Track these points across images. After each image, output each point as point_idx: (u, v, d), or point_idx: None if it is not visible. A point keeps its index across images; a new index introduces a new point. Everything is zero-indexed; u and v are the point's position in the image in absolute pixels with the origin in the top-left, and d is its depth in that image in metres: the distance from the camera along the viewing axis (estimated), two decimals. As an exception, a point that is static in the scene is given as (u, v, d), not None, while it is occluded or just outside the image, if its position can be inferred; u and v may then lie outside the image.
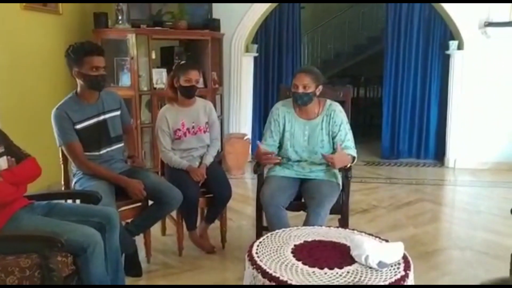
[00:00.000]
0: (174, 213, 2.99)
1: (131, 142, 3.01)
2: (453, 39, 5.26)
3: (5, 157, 2.04)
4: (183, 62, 3.43)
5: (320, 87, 2.75)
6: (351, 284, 1.59)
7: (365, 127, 7.33)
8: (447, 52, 5.28)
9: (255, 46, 5.56)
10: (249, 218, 3.70)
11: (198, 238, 3.04)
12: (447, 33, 5.35)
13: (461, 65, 5.19)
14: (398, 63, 5.58)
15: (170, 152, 2.99)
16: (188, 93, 2.98)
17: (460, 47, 5.18)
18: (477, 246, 3.20)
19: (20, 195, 2.07)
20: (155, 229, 3.00)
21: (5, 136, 2.13)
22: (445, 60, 5.38)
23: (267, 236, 2.01)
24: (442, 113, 5.49)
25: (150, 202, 2.78)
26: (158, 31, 4.58)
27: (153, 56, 4.62)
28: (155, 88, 4.55)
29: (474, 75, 5.15)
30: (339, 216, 2.84)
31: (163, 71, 4.65)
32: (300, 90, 2.70)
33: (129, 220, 2.75)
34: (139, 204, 2.76)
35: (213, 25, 5.00)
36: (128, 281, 2.41)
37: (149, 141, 4.75)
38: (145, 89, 4.54)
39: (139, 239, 2.82)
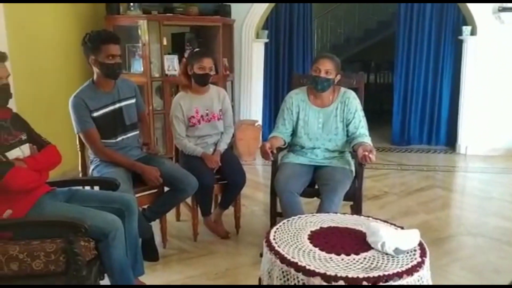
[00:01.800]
0: (188, 199, 3.04)
1: (145, 130, 3.05)
2: (466, 24, 5.21)
3: (27, 145, 2.09)
4: (196, 49, 3.43)
5: (339, 75, 2.76)
6: (367, 269, 1.63)
7: (375, 113, 7.31)
8: (460, 37, 5.24)
9: (266, 32, 5.54)
10: (261, 203, 3.75)
11: (212, 223, 3.10)
12: (460, 18, 5.30)
13: (474, 51, 5.15)
14: (410, 48, 5.55)
15: (185, 139, 3.03)
16: (202, 80, 3.00)
17: (473, 32, 5.13)
18: (489, 232, 3.22)
19: (43, 182, 2.12)
20: (170, 215, 3.05)
21: (27, 124, 2.18)
22: (458, 46, 5.34)
23: (284, 223, 2.05)
24: (454, 99, 5.47)
25: (166, 189, 2.83)
26: (169, 17, 4.58)
27: (165, 42, 4.63)
28: (166, 75, 4.57)
29: (487, 61, 5.11)
30: (351, 203, 2.87)
31: (175, 58, 4.66)
32: (322, 74, 2.70)
33: (145, 206, 2.81)
34: (155, 190, 2.81)
35: (224, 11, 4.99)
36: (146, 265, 2.46)
37: (161, 127, 4.79)
38: (157, 75, 4.56)
39: (155, 225, 2.87)
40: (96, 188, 2.47)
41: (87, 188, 2.54)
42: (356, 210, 2.79)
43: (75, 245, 1.85)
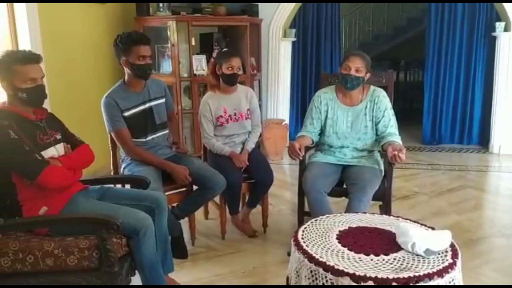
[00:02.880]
0: (217, 198, 3.07)
1: (175, 129, 3.11)
2: (499, 20, 5.05)
3: (62, 144, 2.16)
4: (225, 49, 3.47)
5: (369, 74, 2.74)
6: (397, 270, 1.61)
7: (405, 112, 7.19)
8: (493, 34, 5.09)
9: (293, 30, 5.52)
10: (289, 203, 3.75)
11: (240, 222, 3.12)
12: (493, 14, 5.14)
13: (508, 47, 4.99)
14: (441, 46, 5.42)
15: (213, 138, 3.06)
16: (230, 80, 3.03)
17: (507, 28, 4.97)
18: (523, 234, 3.13)
19: (77, 180, 2.18)
20: (199, 213, 3.09)
21: (62, 124, 2.25)
22: (491, 42, 5.18)
23: (312, 222, 2.04)
24: (487, 97, 5.31)
25: (195, 187, 2.86)
26: (197, 17, 4.63)
27: (193, 42, 4.68)
28: (195, 75, 4.62)
29: (522, 57, 4.94)
30: (380, 203, 2.84)
31: (203, 58, 4.71)
32: (353, 72, 2.68)
33: (174, 204, 2.85)
34: (184, 189, 2.85)
35: (252, 10, 5.00)
36: (175, 262, 2.50)
37: (189, 126, 4.85)
38: (185, 75, 4.62)
39: (184, 223, 2.92)
40: (127, 186, 2.54)
41: (119, 186, 2.60)
42: (385, 210, 2.76)
43: (108, 241, 1.90)
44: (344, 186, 2.79)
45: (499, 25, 4.99)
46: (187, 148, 3.78)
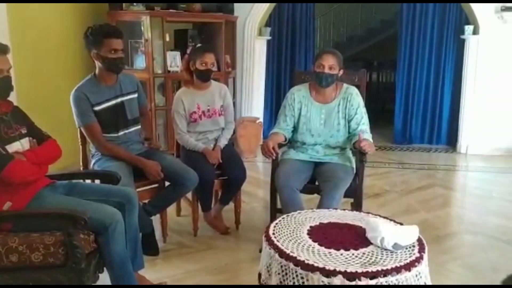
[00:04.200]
0: (189, 195, 3.05)
1: (147, 125, 3.06)
2: (468, 23, 5.19)
3: (27, 138, 2.10)
4: (199, 45, 3.44)
5: (342, 71, 2.77)
6: (366, 264, 1.63)
7: (377, 112, 7.29)
8: (462, 36, 5.23)
9: (268, 29, 5.54)
10: (262, 200, 3.76)
11: (212, 219, 3.10)
12: (462, 17, 5.29)
13: (476, 50, 5.14)
14: (412, 47, 5.54)
15: (186, 134, 3.03)
16: (204, 76, 3.01)
17: (475, 32, 5.12)
18: (489, 231, 3.22)
19: (43, 175, 2.13)
20: (171, 210, 3.06)
21: (27, 118, 2.18)
22: (460, 45, 5.32)
23: (283, 218, 2.05)
24: (456, 98, 5.46)
25: (167, 184, 2.83)
26: (172, 13, 4.58)
27: (167, 38, 4.64)
28: (169, 71, 4.58)
29: (489, 60, 5.09)
30: (351, 200, 2.88)
31: (177, 54, 4.66)
32: (326, 70, 2.70)
33: (146, 201, 2.82)
34: (156, 185, 2.82)
35: (227, 8, 4.99)
36: (146, 259, 2.47)
37: (162, 123, 4.80)
38: (159, 72, 4.57)
39: (156, 220, 2.88)
40: (97, 182, 2.48)
41: (88, 181, 2.54)
42: (356, 207, 2.79)
43: (75, 237, 1.86)
44: (316, 183, 2.81)
45: (468, 28, 5.13)
46: (160, 144, 3.74)
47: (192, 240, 3.02)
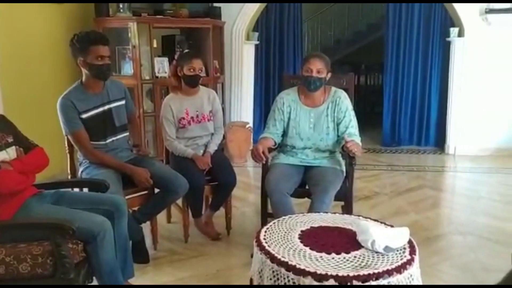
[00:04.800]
0: (179, 201, 3.03)
1: (135, 131, 3.04)
2: (453, 26, 5.25)
3: (14, 147, 2.07)
4: (186, 51, 3.44)
5: (329, 74, 2.78)
6: (358, 267, 1.63)
7: (366, 115, 7.34)
8: (448, 39, 5.29)
9: (256, 34, 5.55)
10: (252, 205, 3.75)
11: (203, 225, 3.08)
12: (447, 20, 5.35)
13: (462, 52, 5.20)
14: (399, 50, 5.59)
15: (175, 140, 3.02)
16: (192, 82, 3.00)
17: (460, 34, 5.18)
18: (478, 231, 3.24)
19: (30, 184, 2.10)
20: (161, 216, 3.04)
21: (13, 126, 2.15)
22: (446, 47, 5.38)
23: (274, 223, 2.04)
24: (443, 100, 5.51)
25: (157, 190, 2.81)
26: (159, 19, 4.57)
27: (155, 44, 4.62)
28: (157, 77, 4.55)
29: (474, 62, 5.15)
30: (342, 203, 2.88)
31: (165, 60, 4.65)
32: (315, 74, 2.71)
33: (135, 208, 2.79)
34: (146, 192, 2.79)
35: (214, 13, 4.99)
36: (136, 267, 2.44)
37: (151, 130, 4.76)
38: (147, 78, 4.54)
39: (146, 227, 2.85)
40: (85, 190, 2.45)
41: (76, 190, 2.51)
42: (347, 210, 2.80)
43: (63, 247, 1.83)
44: (307, 187, 2.81)
45: (453, 31, 5.19)
46: (149, 151, 3.72)
47: (183, 247, 3.00)
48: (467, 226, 3.35)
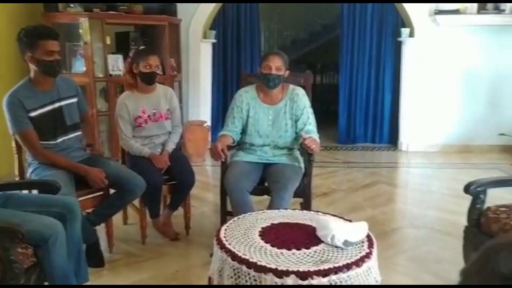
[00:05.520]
0: (136, 202, 2.95)
1: (89, 131, 2.93)
2: (404, 26, 5.42)
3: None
4: (142, 47, 3.35)
5: (287, 71, 2.79)
6: (318, 262, 1.64)
7: (322, 114, 7.44)
8: (399, 39, 5.45)
9: (213, 32, 5.51)
10: (211, 204, 3.71)
11: (161, 225, 3.02)
12: (399, 20, 5.52)
13: (412, 52, 5.38)
14: (353, 50, 5.71)
15: (131, 139, 2.93)
16: (148, 79, 2.93)
17: (411, 34, 5.35)
18: (430, 224, 3.37)
19: (-27, 187, 1.97)
20: (117, 218, 2.95)
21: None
22: (398, 47, 5.55)
23: (234, 220, 2.03)
24: (395, 98, 5.68)
25: (112, 191, 2.72)
26: (112, 15, 4.43)
27: (108, 41, 4.47)
28: (111, 75, 4.42)
29: (424, 61, 5.35)
30: (301, 200, 2.90)
31: (119, 57, 4.51)
32: (274, 71, 2.71)
33: (90, 210, 2.69)
34: (101, 193, 2.69)
35: (170, 10, 4.90)
36: (91, 271, 2.35)
37: (106, 130, 4.62)
38: (101, 75, 4.40)
39: (101, 229, 2.76)
40: (35, 192, 2.33)
41: (25, 192, 2.39)
42: (306, 206, 2.82)
43: (11, 252, 1.73)
44: (266, 184, 2.81)
45: (404, 31, 5.36)
46: (103, 150, 3.60)
47: (140, 248, 2.92)
48: (420, 220, 3.47)
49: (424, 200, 3.98)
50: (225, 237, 1.83)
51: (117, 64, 4.48)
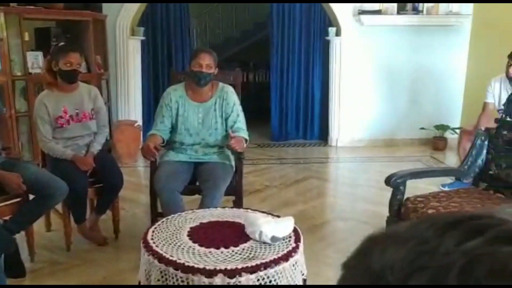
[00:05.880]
0: (59, 206, 2.80)
1: (4, 133, 2.76)
2: (331, 26, 5.61)
3: None
4: (62, 44, 3.18)
5: (217, 69, 2.79)
6: (246, 259, 1.65)
7: (255, 111, 7.51)
8: (327, 38, 5.63)
9: (142, 29, 5.36)
10: (143, 206, 3.61)
11: (88, 230, 2.89)
12: (326, 20, 5.69)
13: (339, 50, 5.57)
14: (284, 49, 5.81)
15: (52, 141, 2.78)
16: (69, 77, 2.79)
17: (338, 33, 5.54)
18: (358, 216, 3.51)
19: None
20: (39, 225, 2.78)
21: None
22: (326, 46, 5.73)
23: (163, 222, 1.99)
24: (325, 95, 5.86)
25: (32, 197, 2.56)
26: (30, 10, 4.17)
27: (26, 38, 4.21)
28: (30, 73, 4.16)
29: (350, 59, 5.55)
30: (233, 198, 2.91)
31: (39, 54, 4.26)
32: (204, 69, 2.70)
33: (7, 217, 2.51)
34: (19, 199, 2.52)
35: (94, 5, 4.71)
36: (11, 282, 2.21)
37: (26, 131, 4.34)
38: (19, 74, 4.13)
39: (21, 237, 2.59)
40: None
41: None
42: (238, 204, 2.83)
43: None
44: (197, 183, 2.78)
45: (331, 30, 5.54)
46: (22, 154, 3.38)
47: (65, 255, 2.78)
48: (348, 213, 3.60)
49: (352, 193, 4.14)
50: (152, 239, 1.79)
51: (37, 61, 4.23)
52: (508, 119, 2.40)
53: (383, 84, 5.68)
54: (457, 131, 4.99)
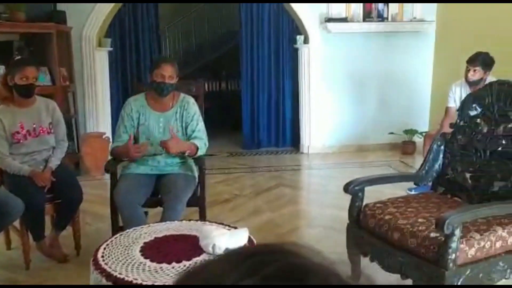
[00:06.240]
0: (17, 224, 2.73)
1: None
2: (300, 34, 5.65)
3: None
4: (18, 57, 3.12)
5: (177, 78, 2.79)
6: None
7: (227, 120, 7.52)
8: (296, 46, 5.67)
9: (109, 40, 5.31)
10: (108, 219, 3.51)
11: (47, 248, 2.82)
12: (294, 28, 5.73)
13: (308, 58, 5.61)
14: (253, 58, 5.83)
15: (8, 157, 2.71)
16: (26, 92, 2.73)
17: (306, 41, 5.59)
18: (326, 222, 3.52)
19: None
20: (-1, 243, 2.71)
21: None
22: (295, 54, 5.77)
23: (116, 237, 1.96)
24: (295, 103, 5.89)
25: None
26: (-10, 23, 4.09)
27: (-13, 51, 4.12)
28: (-9, 87, 4.06)
29: (318, 67, 5.60)
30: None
31: (1, 68, 4.16)
32: (167, 80, 2.69)
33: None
34: (-28, 218, 2.46)
35: (58, 17, 4.64)
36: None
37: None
38: (-21, 88, 4.03)
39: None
40: None
41: None
42: (202, 215, 2.81)
43: None
44: (160, 195, 2.75)
45: (299, 38, 5.59)
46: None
47: (24, 274, 2.70)
48: (317, 219, 3.62)
49: (321, 200, 4.15)
50: (102, 256, 1.76)
51: (-2, 75, 4.13)
52: (462, 123, 2.44)
53: (352, 90, 5.74)
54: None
